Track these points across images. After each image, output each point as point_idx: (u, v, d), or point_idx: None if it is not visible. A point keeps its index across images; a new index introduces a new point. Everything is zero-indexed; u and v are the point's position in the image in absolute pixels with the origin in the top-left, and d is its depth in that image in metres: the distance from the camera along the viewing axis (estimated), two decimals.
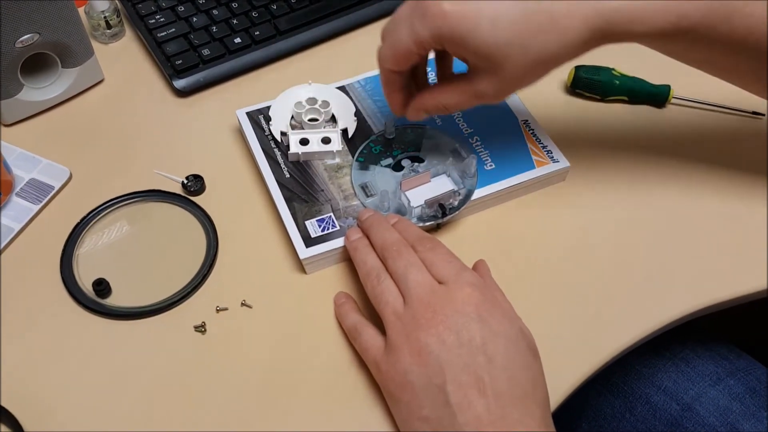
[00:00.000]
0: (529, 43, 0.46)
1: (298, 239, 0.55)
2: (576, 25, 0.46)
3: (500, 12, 0.45)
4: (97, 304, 0.53)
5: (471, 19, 0.45)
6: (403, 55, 0.49)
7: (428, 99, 0.53)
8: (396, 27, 0.49)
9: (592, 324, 0.53)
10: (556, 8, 0.45)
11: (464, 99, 0.51)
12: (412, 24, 0.48)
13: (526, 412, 0.42)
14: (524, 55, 0.46)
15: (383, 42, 0.51)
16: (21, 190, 0.60)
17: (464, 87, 0.50)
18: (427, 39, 0.47)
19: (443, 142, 0.60)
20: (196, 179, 0.60)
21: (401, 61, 0.50)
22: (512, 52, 0.46)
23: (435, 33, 0.47)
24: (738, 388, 0.61)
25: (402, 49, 0.49)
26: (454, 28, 0.46)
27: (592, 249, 0.57)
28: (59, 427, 0.48)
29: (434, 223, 0.56)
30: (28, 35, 0.59)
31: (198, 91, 0.68)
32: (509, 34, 0.45)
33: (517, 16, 0.45)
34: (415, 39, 0.48)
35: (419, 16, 0.47)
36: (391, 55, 0.50)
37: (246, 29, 0.70)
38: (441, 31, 0.46)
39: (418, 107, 0.54)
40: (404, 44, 0.48)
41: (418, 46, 0.48)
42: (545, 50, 0.46)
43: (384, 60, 0.51)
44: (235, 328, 0.53)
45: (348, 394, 0.49)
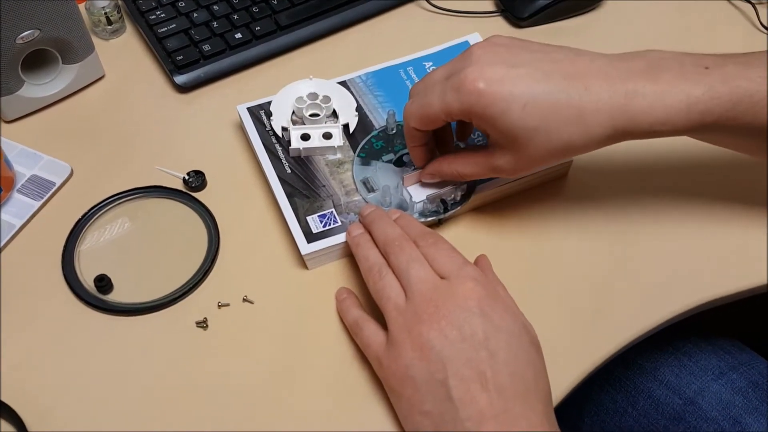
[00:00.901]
0: (555, 133, 0.47)
1: (300, 235, 0.55)
2: (602, 122, 0.47)
3: (532, 99, 0.47)
4: (99, 300, 0.53)
5: (503, 101, 0.47)
6: (430, 119, 0.51)
7: (445, 166, 0.54)
8: (427, 90, 0.51)
9: (595, 319, 0.53)
10: (585, 103, 0.47)
11: (480, 171, 0.52)
12: (445, 93, 0.49)
13: (528, 407, 0.42)
14: (548, 142, 0.48)
15: (411, 99, 0.53)
16: (22, 187, 0.60)
17: (482, 160, 0.52)
18: (456, 112, 0.49)
19: None
20: (197, 175, 0.60)
21: (427, 124, 0.52)
22: (537, 138, 0.47)
23: (465, 108, 0.48)
24: (740, 382, 0.61)
25: (430, 114, 0.50)
26: (486, 107, 0.47)
27: (594, 244, 0.56)
28: (61, 423, 0.48)
29: (436, 218, 0.56)
30: (29, 31, 0.59)
31: (199, 87, 0.68)
32: (537, 121, 0.47)
33: (547, 105, 0.47)
34: (444, 108, 0.49)
35: (454, 88, 0.48)
36: (419, 116, 0.51)
37: (247, 24, 0.70)
38: (472, 108, 0.48)
39: (434, 171, 0.55)
40: (433, 110, 0.50)
41: (446, 115, 0.50)
42: (568, 141, 0.48)
43: (410, 118, 0.52)
44: (237, 323, 0.53)
45: (350, 389, 0.49)
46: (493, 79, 0.47)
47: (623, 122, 0.47)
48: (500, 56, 0.48)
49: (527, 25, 0.72)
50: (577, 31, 0.72)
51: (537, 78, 0.47)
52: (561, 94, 0.47)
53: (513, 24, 0.73)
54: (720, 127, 0.47)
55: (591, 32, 0.72)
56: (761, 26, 0.71)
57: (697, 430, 0.60)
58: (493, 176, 0.53)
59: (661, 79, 0.47)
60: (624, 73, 0.47)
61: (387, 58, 0.67)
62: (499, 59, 0.48)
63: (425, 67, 0.66)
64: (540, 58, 0.48)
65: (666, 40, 0.70)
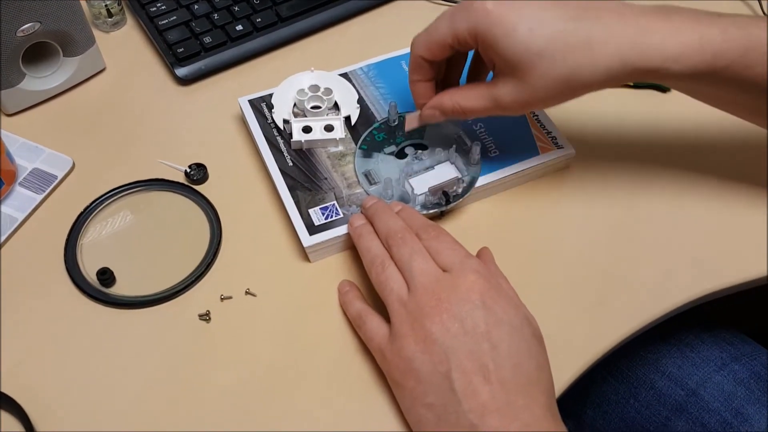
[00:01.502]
0: (560, 59, 0.46)
1: (302, 227, 0.54)
2: (610, 53, 0.46)
3: (540, 22, 0.46)
4: (102, 294, 0.53)
5: (510, 22, 0.46)
6: (436, 43, 0.50)
7: (446, 99, 0.53)
8: (438, 19, 0.50)
9: (597, 310, 0.53)
10: (594, 33, 0.46)
11: (483, 103, 0.51)
12: (453, 16, 0.49)
13: (531, 399, 0.42)
14: (552, 68, 0.46)
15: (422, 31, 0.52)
16: (24, 180, 0.60)
17: (485, 91, 0.50)
18: (463, 32, 0.48)
19: (447, 129, 0.60)
20: (198, 168, 0.60)
21: (433, 49, 0.51)
22: (541, 63, 0.46)
23: (472, 27, 0.48)
24: (743, 373, 0.61)
25: (437, 37, 0.50)
26: (492, 26, 0.47)
27: (597, 235, 0.56)
28: (65, 416, 0.48)
29: (438, 210, 0.56)
30: (29, 24, 0.59)
31: (200, 79, 0.68)
32: (543, 44, 0.46)
33: (555, 29, 0.46)
34: (452, 30, 0.49)
35: (462, 9, 0.48)
36: (425, 41, 0.51)
37: (247, 16, 0.70)
38: (478, 27, 0.47)
39: (435, 105, 0.53)
40: (440, 33, 0.49)
41: (452, 38, 0.49)
42: (574, 68, 0.46)
43: (417, 44, 0.52)
44: (240, 316, 0.53)
45: (353, 381, 0.49)
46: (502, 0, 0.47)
47: (633, 56, 0.46)
48: None
49: None
50: None
51: (547, 5, 0.47)
52: (570, 21, 0.46)
53: None
54: (730, 75, 0.46)
55: None
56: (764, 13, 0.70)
57: (700, 421, 0.60)
58: (496, 112, 0.51)
59: (674, 19, 0.46)
60: (637, 10, 0.47)
61: (388, 49, 0.66)
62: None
63: None
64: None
65: None
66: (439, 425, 0.43)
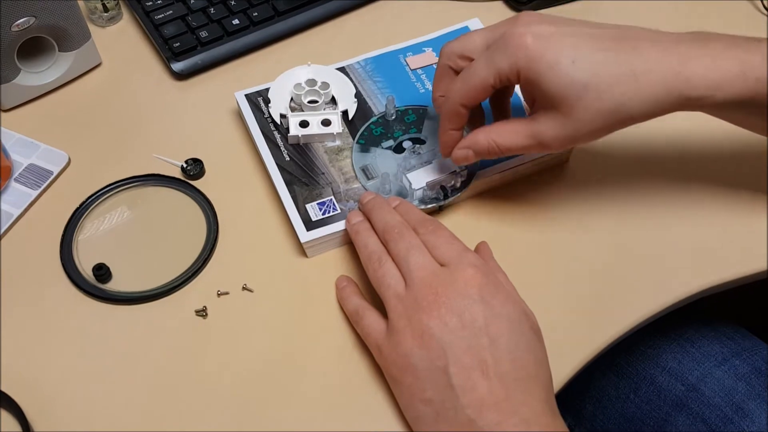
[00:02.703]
0: (606, 91, 0.45)
1: (299, 223, 0.54)
2: (655, 82, 0.45)
3: (582, 54, 0.45)
4: (98, 289, 0.53)
5: (552, 55, 0.45)
6: (477, 88, 0.48)
7: (481, 137, 0.50)
8: (474, 64, 0.48)
9: (596, 305, 0.52)
10: (637, 64, 0.45)
11: (522, 141, 0.48)
12: (491, 56, 0.47)
13: (529, 394, 0.42)
14: (599, 101, 0.45)
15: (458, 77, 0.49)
16: (19, 176, 0.59)
17: (524, 128, 0.48)
18: (505, 70, 0.46)
19: None
20: (195, 163, 0.60)
21: (475, 94, 0.48)
22: (587, 96, 0.45)
23: (513, 64, 0.46)
24: (743, 368, 0.61)
25: (478, 81, 0.47)
26: (533, 61, 0.45)
27: (596, 230, 0.56)
28: (61, 412, 0.48)
29: (436, 205, 0.55)
30: (24, 19, 0.59)
31: (196, 74, 0.67)
32: (587, 76, 0.45)
33: (598, 62, 0.45)
34: (494, 70, 0.47)
35: (500, 48, 0.46)
36: (464, 88, 0.48)
37: (244, 10, 0.69)
38: (519, 63, 0.46)
39: (469, 144, 0.51)
40: (481, 76, 0.47)
41: (495, 78, 0.47)
42: (621, 101, 0.45)
43: (455, 93, 0.49)
44: (237, 312, 0.52)
45: (350, 377, 0.49)
46: (541, 34, 0.45)
47: (678, 84, 0.45)
48: (546, 19, 0.47)
49: (528, 9, 0.71)
50: (579, 15, 0.71)
51: (586, 38, 0.45)
52: (610, 52, 0.45)
53: (513, 9, 0.72)
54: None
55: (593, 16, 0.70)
56: (764, 9, 0.70)
57: (700, 416, 0.60)
58: (535, 150, 0.48)
59: (712, 47, 0.45)
60: (673, 39, 0.46)
61: (386, 43, 0.66)
62: (545, 21, 0.47)
63: (425, 52, 0.65)
64: (588, 23, 0.47)
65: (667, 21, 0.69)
66: (437, 420, 0.42)
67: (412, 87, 0.63)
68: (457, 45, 0.50)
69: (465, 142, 0.51)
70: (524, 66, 0.46)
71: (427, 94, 0.62)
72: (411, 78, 0.63)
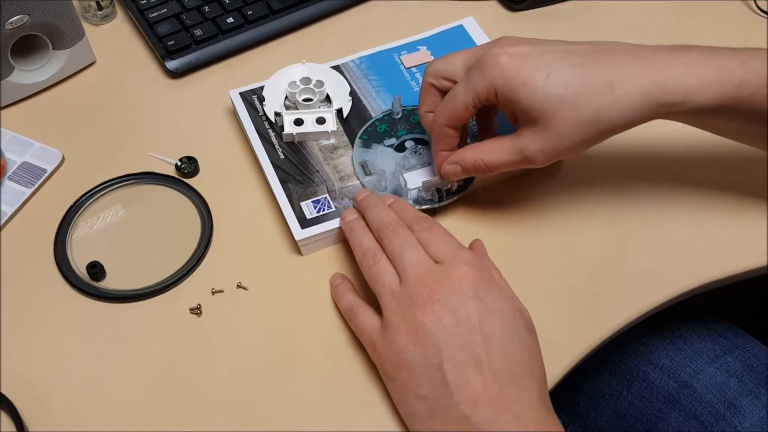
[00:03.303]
0: (582, 102, 0.46)
1: (294, 221, 0.54)
2: (631, 90, 0.45)
3: (556, 69, 0.46)
4: (92, 288, 0.53)
5: (526, 72, 0.46)
6: (459, 109, 0.50)
7: (468, 154, 0.51)
8: (455, 87, 0.50)
9: (589, 302, 0.53)
10: (612, 74, 0.46)
11: (507, 157, 0.50)
12: (469, 79, 0.49)
13: (523, 390, 0.42)
14: (576, 112, 0.46)
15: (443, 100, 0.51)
16: (13, 174, 0.59)
17: (509, 144, 0.49)
18: (482, 90, 0.48)
19: None
20: (189, 161, 0.60)
21: (458, 115, 0.50)
22: (563, 109, 0.46)
23: (490, 84, 0.47)
24: (735, 365, 0.61)
25: (458, 103, 0.49)
26: (508, 78, 0.47)
27: (589, 228, 0.56)
28: (56, 410, 0.48)
29: (430, 206, 0.55)
30: (18, 16, 0.59)
31: (191, 72, 0.67)
32: (562, 89, 0.46)
33: (572, 75, 0.46)
34: (472, 91, 0.48)
35: (477, 69, 0.48)
36: (448, 110, 0.50)
37: (239, 8, 0.69)
38: (495, 82, 0.47)
39: (456, 160, 0.52)
40: (461, 98, 0.49)
41: (474, 99, 0.49)
42: (597, 111, 0.46)
43: (440, 116, 0.51)
44: (231, 310, 0.52)
45: (345, 374, 0.49)
46: (515, 53, 0.47)
47: (656, 91, 0.45)
48: (522, 40, 0.49)
49: (522, 8, 0.71)
50: (573, 14, 0.71)
51: (560, 54, 0.47)
52: (586, 66, 0.46)
53: (507, 8, 0.72)
54: (753, 105, 0.46)
55: (587, 16, 0.71)
56: (759, 11, 0.70)
57: (692, 413, 0.60)
58: (522, 165, 0.50)
59: (691, 55, 0.46)
60: (651, 50, 0.47)
61: (381, 42, 0.66)
62: (521, 41, 0.48)
63: (419, 50, 0.65)
64: (563, 42, 0.49)
65: (662, 23, 0.70)
66: (431, 417, 0.43)
67: (406, 85, 0.63)
68: (440, 66, 0.52)
69: (453, 158, 0.53)
70: (500, 85, 0.47)
71: None
72: (405, 76, 0.64)
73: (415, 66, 0.64)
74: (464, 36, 0.66)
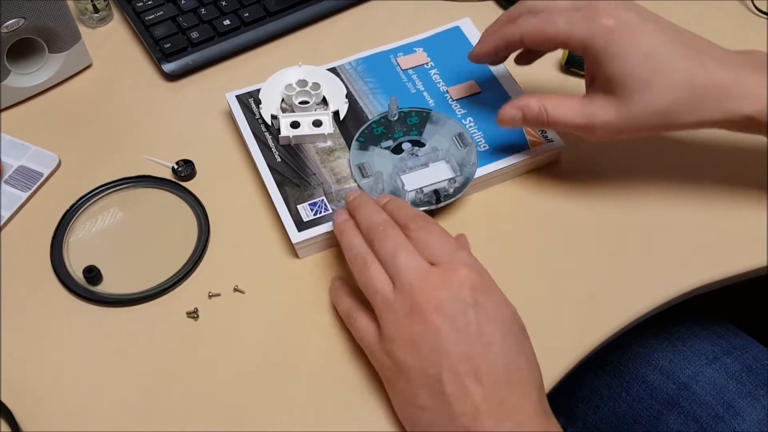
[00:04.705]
0: (664, 92, 0.48)
1: (290, 223, 0.54)
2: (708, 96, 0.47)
3: (654, 53, 0.47)
4: (88, 292, 0.53)
5: (628, 45, 0.48)
6: (546, 38, 0.50)
7: (533, 101, 0.52)
8: (552, 11, 0.50)
9: (587, 304, 0.52)
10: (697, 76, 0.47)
11: (573, 117, 0.50)
12: (574, 17, 0.49)
13: (523, 396, 0.42)
14: (654, 99, 0.48)
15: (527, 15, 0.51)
16: (9, 178, 0.59)
17: (579, 104, 0.50)
18: (577, 38, 0.49)
19: (446, 127, 0.59)
20: (186, 164, 0.60)
21: (539, 41, 0.50)
22: (645, 91, 0.48)
23: (589, 38, 0.48)
24: (734, 367, 0.61)
25: (549, 32, 0.49)
26: (609, 44, 0.48)
27: (587, 229, 0.56)
28: (52, 415, 0.48)
29: (428, 209, 0.55)
30: (13, 20, 0.59)
31: (187, 75, 0.67)
32: (651, 74, 0.47)
33: (665, 64, 0.47)
34: (568, 31, 0.49)
35: (585, 16, 0.48)
36: (536, 30, 0.50)
37: (235, 11, 0.69)
38: (595, 41, 0.48)
39: (520, 106, 0.52)
40: (554, 29, 0.49)
41: (565, 38, 0.49)
42: (673, 104, 0.48)
43: (525, 28, 0.51)
44: (228, 313, 0.52)
45: (343, 379, 0.49)
46: (625, 21, 0.48)
47: (727, 104, 0.47)
48: (634, 7, 0.49)
49: None
50: None
51: (662, 38, 0.48)
52: (680, 59, 0.48)
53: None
54: None
55: None
56: (756, 11, 0.70)
57: (691, 414, 0.60)
58: (582, 131, 0.50)
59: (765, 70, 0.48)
60: (735, 61, 0.48)
61: (377, 43, 0.66)
62: (632, 8, 0.49)
63: (415, 52, 0.65)
64: (669, 25, 0.50)
65: None
66: (431, 426, 0.42)
67: (403, 87, 0.63)
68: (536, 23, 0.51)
69: (516, 102, 0.52)
70: (599, 45, 0.48)
71: (419, 94, 0.62)
72: (402, 78, 0.63)
73: (411, 68, 0.64)
74: (461, 37, 0.66)
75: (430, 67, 0.64)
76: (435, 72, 0.64)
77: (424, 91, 0.62)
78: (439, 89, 0.62)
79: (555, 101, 0.51)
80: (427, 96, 0.62)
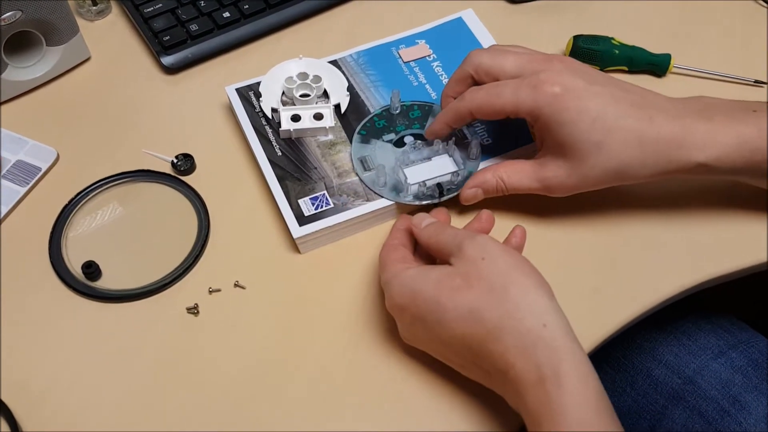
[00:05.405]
0: (615, 152, 0.49)
1: (291, 218, 0.54)
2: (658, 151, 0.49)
3: (603, 115, 0.48)
4: (87, 287, 0.53)
5: (576, 111, 0.48)
6: (494, 110, 0.51)
7: (489, 175, 0.53)
8: (500, 85, 0.51)
9: (593, 299, 0.52)
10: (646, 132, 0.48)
11: (528, 183, 0.52)
12: (519, 89, 0.50)
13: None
14: (606, 160, 0.49)
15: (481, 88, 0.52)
16: (7, 172, 0.59)
17: (532, 170, 0.52)
18: (525, 107, 0.49)
19: None
20: (186, 158, 0.59)
21: (488, 113, 0.51)
22: (597, 154, 0.49)
23: (536, 108, 0.49)
24: (740, 361, 0.61)
25: (497, 103, 0.50)
26: (558, 112, 0.49)
27: (592, 223, 0.56)
28: (51, 411, 0.48)
29: (431, 202, 0.55)
30: (11, 12, 0.58)
31: (186, 68, 0.66)
32: (602, 137, 0.48)
33: (614, 125, 0.48)
34: (515, 102, 0.50)
35: (530, 86, 0.49)
36: (484, 104, 0.51)
37: (235, 3, 0.68)
38: (543, 110, 0.49)
39: (478, 183, 0.54)
40: (502, 100, 0.50)
41: (513, 108, 0.50)
42: (624, 163, 0.49)
43: (472, 102, 0.51)
44: (229, 309, 0.52)
45: (343, 375, 0.49)
46: (571, 87, 0.49)
47: (678, 156, 0.49)
48: (578, 71, 0.50)
49: (522, 0, 0.71)
50: (573, 8, 0.70)
51: (609, 99, 0.49)
52: (628, 118, 0.49)
53: (508, 0, 0.71)
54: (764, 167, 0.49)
55: (588, 7, 0.70)
56: (762, 2, 0.69)
57: (697, 409, 0.59)
58: (539, 192, 0.52)
59: (715, 120, 0.49)
60: (682, 111, 0.50)
61: (379, 36, 0.65)
62: (577, 73, 0.50)
63: (417, 44, 0.64)
64: (613, 83, 0.50)
65: (663, 14, 0.69)
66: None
67: (405, 80, 0.62)
68: (486, 60, 0.52)
69: (473, 181, 0.54)
70: (547, 113, 0.49)
71: (420, 87, 0.61)
72: (404, 71, 0.63)
73: (413, 60, 0.63)
74: (464, 29, 0.65)
75: (432, 59, 0.64)
76: (437, 64, 0.63)
77: (427, 83, 0.62)
78: (441, 82, 0.62)
79: (509, 170, 0.53)
80: (429, 89, 0.61)
